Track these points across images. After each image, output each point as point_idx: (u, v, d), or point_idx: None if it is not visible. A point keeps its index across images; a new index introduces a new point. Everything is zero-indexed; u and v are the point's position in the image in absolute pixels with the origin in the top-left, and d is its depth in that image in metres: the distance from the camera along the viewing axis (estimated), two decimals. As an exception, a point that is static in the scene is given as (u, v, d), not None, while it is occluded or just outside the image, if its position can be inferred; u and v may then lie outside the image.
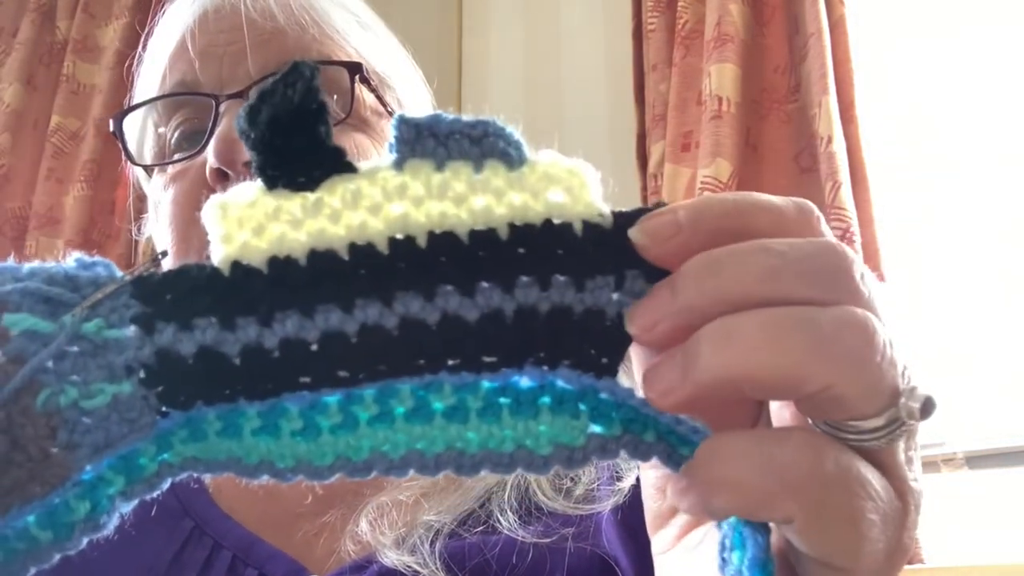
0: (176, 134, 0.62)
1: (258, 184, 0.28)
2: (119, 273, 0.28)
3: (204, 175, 0.58)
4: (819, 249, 0.27)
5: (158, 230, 0.64)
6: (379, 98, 0.64)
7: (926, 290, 1.46)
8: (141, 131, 0.66)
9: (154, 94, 0.63)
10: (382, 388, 0.28)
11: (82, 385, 0.27)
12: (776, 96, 1.51)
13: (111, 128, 0.66)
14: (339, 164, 0.28)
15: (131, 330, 0.27)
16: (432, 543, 0.53)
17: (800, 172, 1.45)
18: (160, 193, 0.63)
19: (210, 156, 0.57)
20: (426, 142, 0.28)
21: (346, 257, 0.28)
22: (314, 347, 0.28)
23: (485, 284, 0.28)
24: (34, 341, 0.26)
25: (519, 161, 0.28)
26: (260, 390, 0.28)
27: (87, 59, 2.21)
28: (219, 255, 0.28)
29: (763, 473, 0.25)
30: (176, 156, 0.62)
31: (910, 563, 1.25)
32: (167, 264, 0.58)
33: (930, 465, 1.36)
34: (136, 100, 0.66)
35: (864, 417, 0.26)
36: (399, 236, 0.28)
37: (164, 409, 0.28)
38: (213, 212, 0.28)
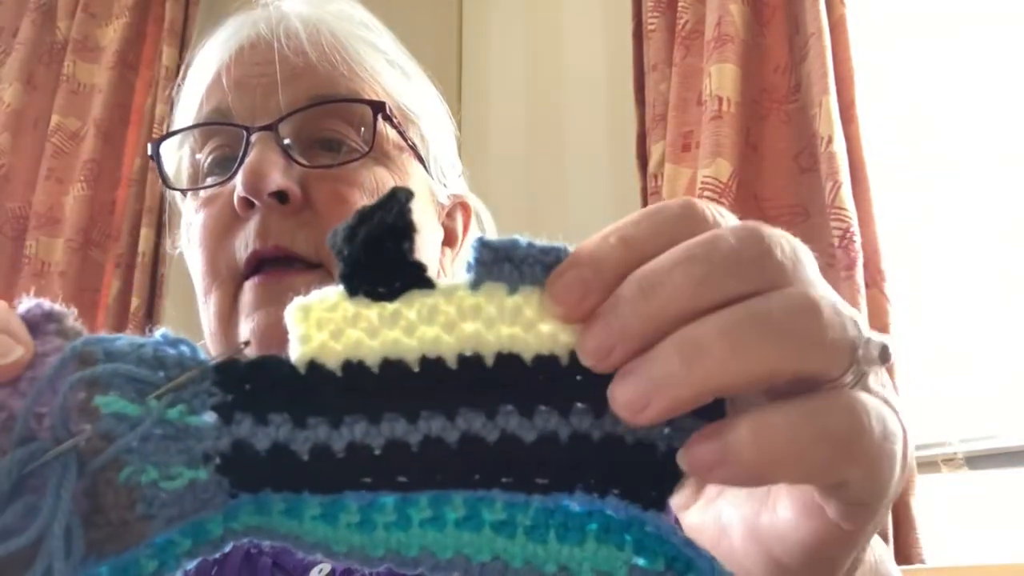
0: (210, 160, 0.66)
1: (339, 289, 0.30)
2: (201, 353, 0.30)
3: (232, 202, 0.62)
4: (739, 242, 0.28)
5: (189, 250, 0.68)
6: (401, 134, 0.67)
7: (926, 290, 1.47)
8: (178, 155, 0.70)
9: (191, 121, 0.67)
10: (437, 495, 0.29)
11: (163, 467, 0.29)
12: (776, 96, 1.51)
13: (149, 152, 0.70)
14: (419, 279, 0.30)
15: (211, 416, 0.29)
16: None
17: (800, 172, 1.45)
18: (192, 215, 0.67)
19: (238, 185, 0.61)
20: (502, 266, 0.29)
21: (416, 369, 0.29)
22: (377, 452, 0.29)
23: (543, 407, 0.29)
24: (121, 422, 0.28)
25: None
26: (324, 486, 0.29)
27: (87, 59, 2.21)
28: (296, 353, 0.30)
29: (821, 442, 0.27)
30: (208, 181, 0.66)
31: (910, 563, 1.25)
32: (214, 301, 0.63)
33: (930, 465, 1.36)
34: (174, 127, 0.70)
35: (832, 379, 0.28)
36: (468, 354, 0.29)
37: (235, 491, 0.30)
38: (295, 313, 0.30)
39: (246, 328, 0.61)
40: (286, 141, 0.62)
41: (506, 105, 2.01)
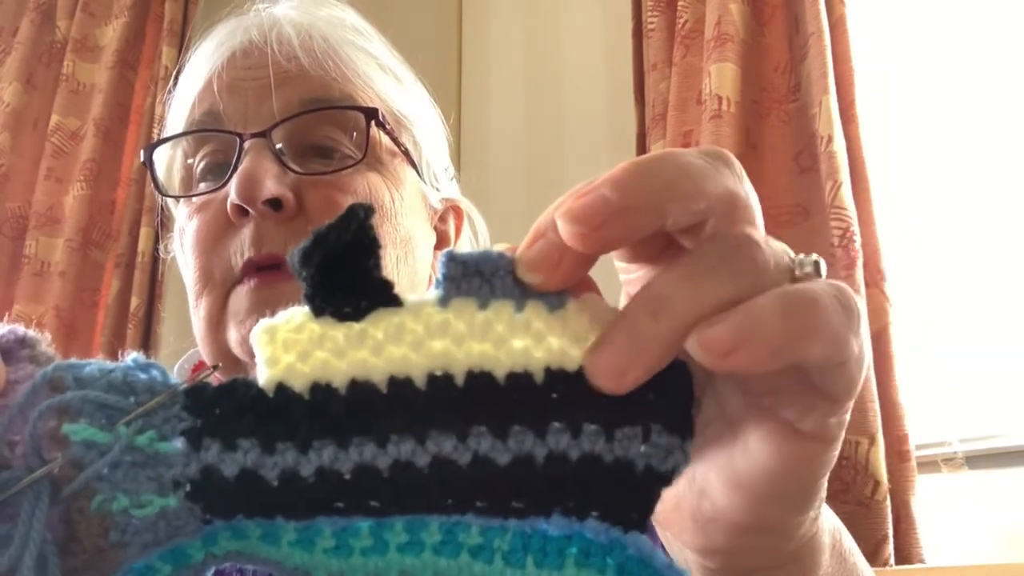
0: (202, 165, 0.66)
1: (305, 310, 0.29)
2: (172, 378, 0.30)
3: (226, 208, 0.62)
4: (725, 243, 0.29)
5: (182, 256, 0.68)
6: (394, 140, 0.67)
7: (926, 290, 1.46)
8: (170, 160, 0.70)
9: (182, 127, 0.67)
10: (412, 519, 0.29)
11: (133, 494, 0.28)
12: (776, 96, 1.51)
13: (141, 159, 0.70)
14: (385, 297, 0.29)
15: (180, 443, 0.29)
16: None
17: (800, 172, 1.45)
18: (185, 221, 0.66)
19: (232, 193, 0.60)
20: (472, 280, 0.29)
21: (384, 390, 0.28)
22: (347, 477, 0.28)
23: (518, 427, 0.28)
24: (90, 449, 0.28)
25: (559, 304, 0.29)
26: (296, 511, 0.29)
27: (87, 59, 2.21)
28: (264, 377, 0.29)
29: (836, 306, 0.28)
30: (201, 187, 0.66)
31: (910, 563, 1.25)
32: (205, 303, 0.63)
33: (930, 465, 1.36)
34: (166, 133, 0.70)
35: None
36: (438, 373, 0.28)
37: (208, 517, 0.29)
38: (261, 336, 0.29)
39: (237, 334, 0.61)
40: (279, 147, 0.62)
41: (506, 105, 2.01)
